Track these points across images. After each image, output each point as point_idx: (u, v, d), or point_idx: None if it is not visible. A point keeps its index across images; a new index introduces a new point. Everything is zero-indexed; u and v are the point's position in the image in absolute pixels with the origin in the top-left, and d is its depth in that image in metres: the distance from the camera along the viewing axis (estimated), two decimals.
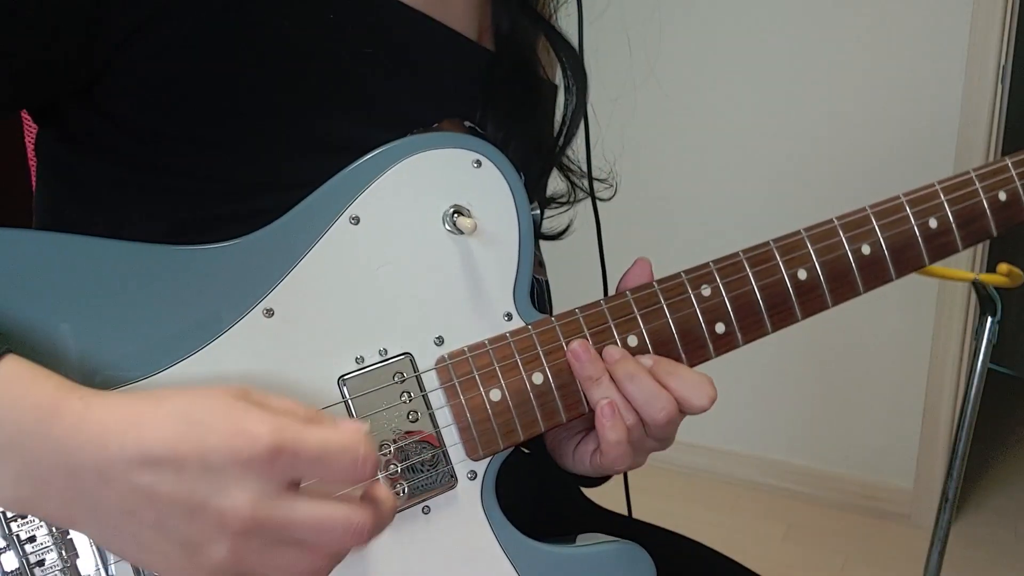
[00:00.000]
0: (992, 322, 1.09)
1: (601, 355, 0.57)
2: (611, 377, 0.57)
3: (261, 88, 0.53)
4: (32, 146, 0.78)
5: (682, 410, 0.57)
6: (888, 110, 1.84)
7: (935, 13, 1.75)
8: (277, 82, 0.53)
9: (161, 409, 0.43)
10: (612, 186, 0.74)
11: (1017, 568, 1.86)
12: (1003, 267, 1.05)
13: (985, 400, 1.14)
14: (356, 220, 0.53)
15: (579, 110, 0.68)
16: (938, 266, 0.67)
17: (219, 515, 0.41)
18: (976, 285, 1.10)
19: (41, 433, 0.41)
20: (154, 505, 0.41)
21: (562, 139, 0.68)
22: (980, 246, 1.86)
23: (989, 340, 1.09)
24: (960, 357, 1.89)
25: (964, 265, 1.83)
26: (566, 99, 0.69)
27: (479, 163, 0.55)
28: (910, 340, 1.91)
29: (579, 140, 0.70)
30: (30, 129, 0.82)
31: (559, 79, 0.71)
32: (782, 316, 0.61)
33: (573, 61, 0.68)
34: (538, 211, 0.57)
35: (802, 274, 0.61)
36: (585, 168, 0.72)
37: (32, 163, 0.80)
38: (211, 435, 0.42)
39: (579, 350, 0.57)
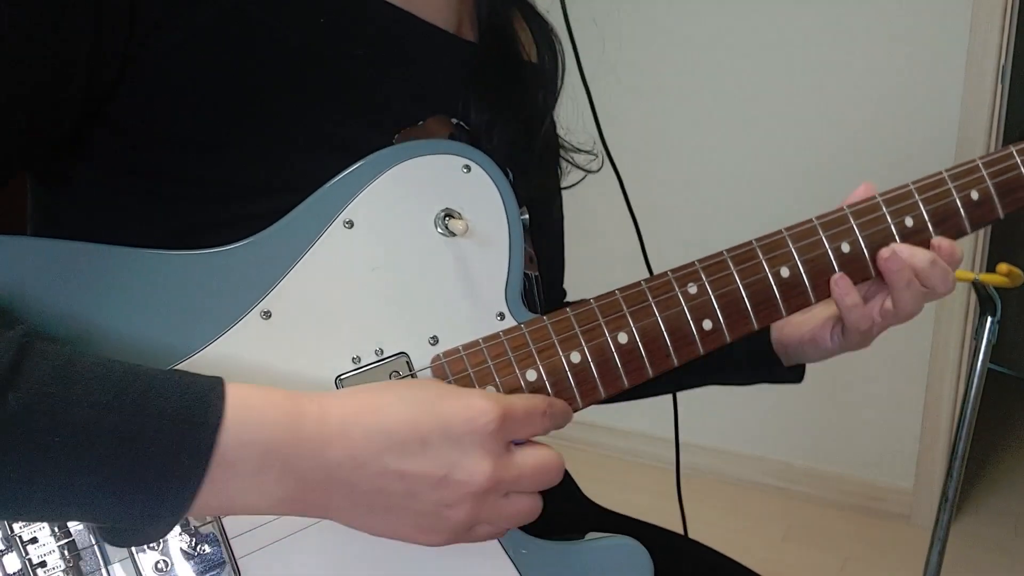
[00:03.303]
0: (992, 322, 1.09)
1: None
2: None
3: (257, 92, 0.53)
4: None
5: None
6: (888, 110, 1.84)
7: (935, 13, 1.75)
8: (273, 86, 0.54)
9: (386, 397, 0.49)
10: (597, 156, 0.75)
11: (1017, 568, 1.86)
12: (1003, 267, 1.05)
13: (985, 400, 1.14)
14: (350, 224, 0.54)
15: (552, 85, 0.70)
16: None
17: (465, 481, 0.48)
18: (976, 285, 1.10)
19: (293, 438, 0.46)
20: (404, 480, 0.47)
21: (544, 116, 0.69)
22: (980, 246, 1.86)
23: (989, 340, 1.09)
24: (960, 357, 1.89)
25: (964, 265, 1.83)
26: (546, 74, 0.70)
27: (468, 168, 0.56)
28: (910, 340, 1.91)
29: (565, 115, 0.72)
30: None
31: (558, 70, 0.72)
32: (767, 312, 0.63)
33: (546, 36, 0.69)
34: (527, 216, 0.58)
35: (785, 272, 0.63)
36: (573, 143, 0.74)
37: None
38: (444, 411, 0.48)
39: (891, 261, 0.63)
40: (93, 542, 0.48)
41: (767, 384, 0.78)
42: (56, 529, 0.47)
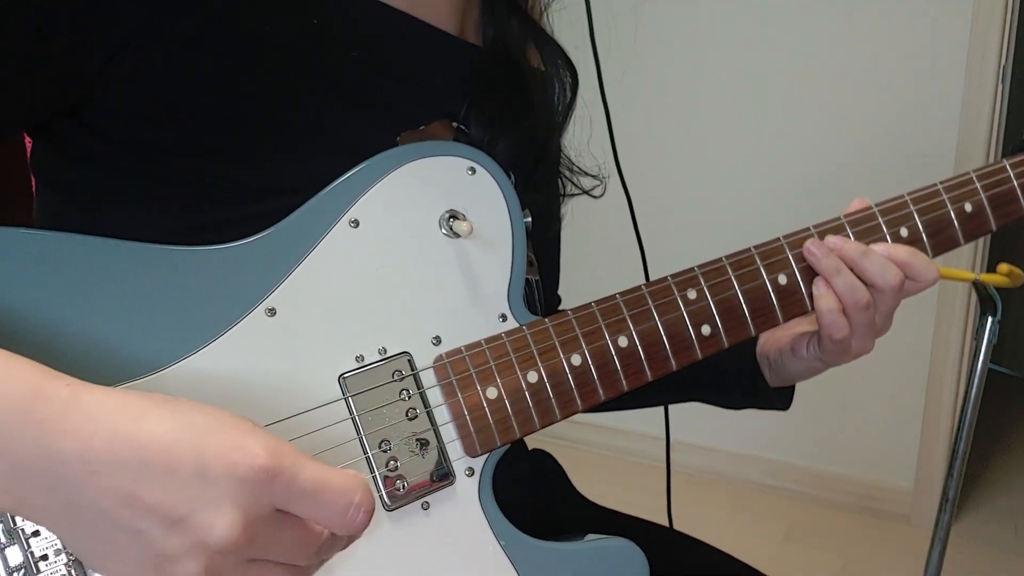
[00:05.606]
0: (992, 322, 1.09)
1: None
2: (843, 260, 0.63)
3: (252, 98, 0.53)
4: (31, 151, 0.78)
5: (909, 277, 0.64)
6: (889, 111, 1.84)
7: (935, 13, 1.75)
8: (267, 91, 0.54)
9: (157, 408, 0.40)
10: (602, 183, 0.75)
11: (1017, 568, 1.86)
12: (1003, 267, 1.05)
13: (985, 400, 1.15)
14: (356, 223, 0.54)
15: (569, 107, 0.70)
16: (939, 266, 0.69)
17: (202, 530, 0.38)
18: (976, 285, 1.10)
19: (21, 417, 0.38)
20: (133, 507, 0.38)
21: (552, 133, 0.69)
22: (980, 246, 1.87)
23: (989, 340, 1.09)
24: (960, 357, 1.89)
25: (965, 265, 1.84)
26: (557, 95, 0.70)
27: (473, 170, 0.57)
28: (910, 340, 1.92)
29: (571, 134, 0.72)
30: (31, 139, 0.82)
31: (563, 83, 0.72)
32: (765, 319, 0.64)
33: (562, 61, 0.69)
34: (530, 219, 0.59)
35: (782, 279, 0.64)
36: (577, 165, 0.74)
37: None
38: (211, 443, 0.39)
39: (813, 247, 0.63)
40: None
41: (756, 409, 0.78)
42: None
